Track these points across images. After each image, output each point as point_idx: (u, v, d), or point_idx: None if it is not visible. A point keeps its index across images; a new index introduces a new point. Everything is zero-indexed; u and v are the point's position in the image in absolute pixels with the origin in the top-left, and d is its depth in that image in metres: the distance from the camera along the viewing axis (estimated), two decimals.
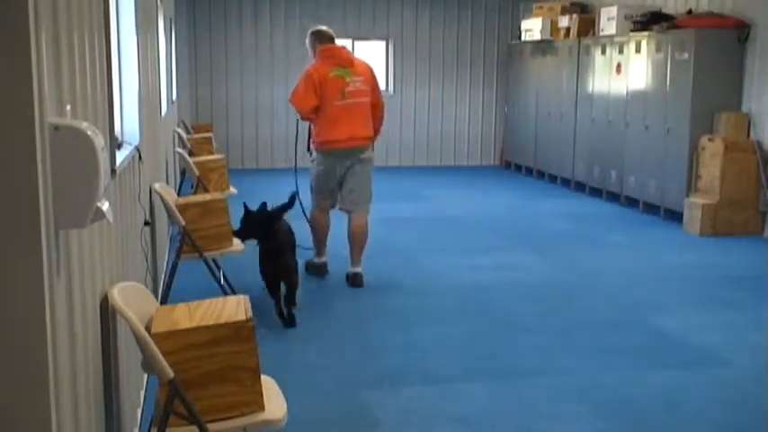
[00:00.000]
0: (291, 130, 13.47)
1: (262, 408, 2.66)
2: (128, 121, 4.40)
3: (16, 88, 1.66)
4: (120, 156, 3.42)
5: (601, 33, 10.58)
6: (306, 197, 6.39)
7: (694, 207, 8.42)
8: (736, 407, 4.09)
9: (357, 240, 6.19)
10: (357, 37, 13.58)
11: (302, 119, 6.28)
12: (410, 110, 13.88)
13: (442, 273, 6.67)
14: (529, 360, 4.70)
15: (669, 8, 9.73)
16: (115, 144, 3.30)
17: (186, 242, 5.08)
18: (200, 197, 5.41)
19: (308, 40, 6.30)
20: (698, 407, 4.07)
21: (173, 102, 9.99)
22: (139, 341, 2.43)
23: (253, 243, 5.44)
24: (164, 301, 5.00)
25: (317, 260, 6.42)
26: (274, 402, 2.76)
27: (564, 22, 11.67)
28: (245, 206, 5.43)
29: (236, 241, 5.49)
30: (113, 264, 3.07)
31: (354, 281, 6.12)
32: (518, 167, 13.44)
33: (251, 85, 13.11)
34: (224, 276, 5.66)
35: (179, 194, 7.28)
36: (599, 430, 3.77)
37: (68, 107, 2.14)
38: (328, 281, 6.28)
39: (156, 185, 5.26)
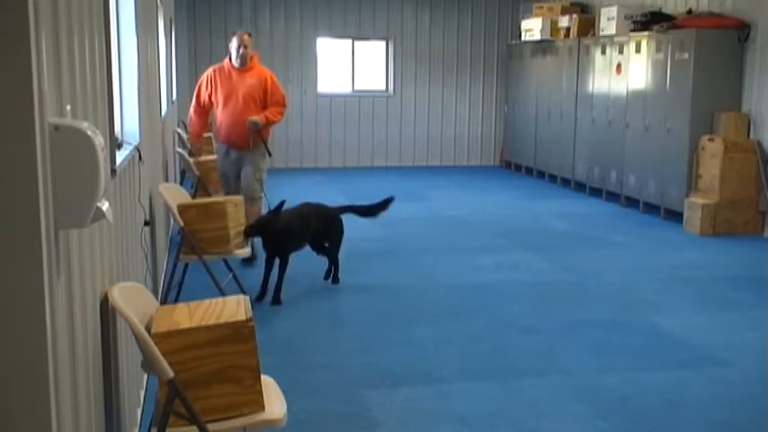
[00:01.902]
0: (291, 130, 13.55)
1: (262, 408, 2.66)
2: (128, 121, 4.40)
3: (16, 88, 1.66)
4: (120, 156, 3.42)
5: (601, 33, 10.58)
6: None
7: (694, 207, 8.42)
8: (736, 407, 4.09)
9: None
10: (357, 37, 13.59)
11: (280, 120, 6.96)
12: (410, 110, 13.88)
13: (442, 273, 6.67)
14: (529, 360, 4.70)
15: (669, 8, 9.73)
16: (115, 144, 3.29)
17: (186, 243, 5.08)
18: (201, 200, 5.41)
19: (248, 41, 6.69)
20: (698, 407, 4.07)
21: (173, 102, 9.99)
22: (139, 341, 2.43)
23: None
24: (164, 301, 5.00)
25: None
26: (274, 402, 2.76)
27: (564, 22, 11.68)
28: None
29: (239, 245, 5.45)
30: (113, 264, 3.07)
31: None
32: (518, 167, 13.44)
33: None
34: (234, 277, 5.68)
35: None
36: (599, 430, 3.77)
37: (68, 107, 2.14)
38: (328, 282, 6.26)
39: (161, 186, 5.27)
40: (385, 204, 6.36)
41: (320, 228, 6.09)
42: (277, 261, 5.75)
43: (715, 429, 3.85)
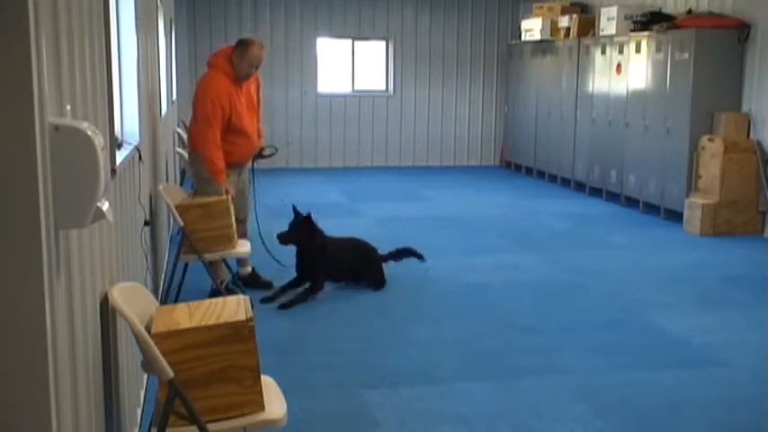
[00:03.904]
0: (290, 130, 13.56)
1: (262, 408, 2.66)
2: (128, 121, 4.40)
3: (16, 88, 1.66)
4: (120, 156, 3.42)
5: (601, 33, 10.58)
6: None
7: (694, 207, 8.42)
8: (736, 407, 4.09)
9: None
10: (357, 37, 13.59)
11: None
12: (410, 110, 13.89)
13: (442, 273, 6.67)
14: (529, 360, 4.70)
15: (669, 8, 9.73)
16: (115, 144, 3.29)
17: (186, 243, 5.08)
18: (203, 199, 5.37)
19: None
20: (698, 407, 4.07)
21: (173, 102, 9.99)
22: (139, 341, 2.43)
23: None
24: (164, 301, 5.00)
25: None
26: (274, 402, 2.76)
27: (564, 22, 11.68)
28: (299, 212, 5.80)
29: (241, 243, 5.46)
30: (113, 264, 3.07)
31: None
32: (518, 167, 13.44)
33: None
34: (234, 278, 5.68)
35: None
36: (599, 430, 3.77)
37: (68, 107, 2.14)
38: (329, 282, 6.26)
39: (161, 186, 5.26)
40: (409, 253, 6.42)
41: (360, 265, 6.14)
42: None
43: (715, 429, 3.84)
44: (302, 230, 5.75)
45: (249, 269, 6.04)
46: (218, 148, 5.47)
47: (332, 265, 5.93)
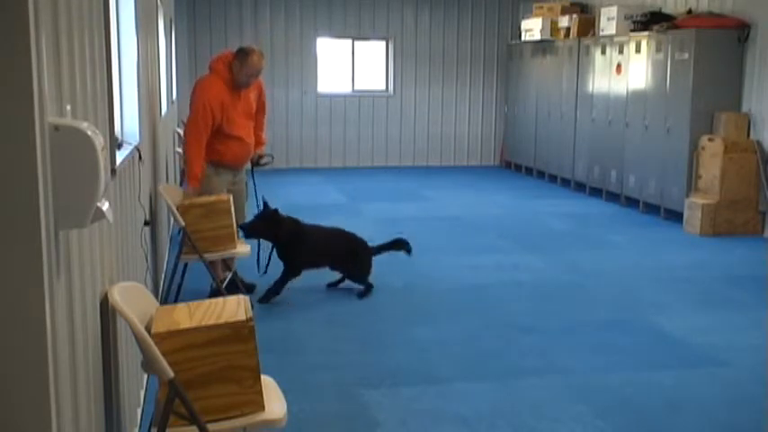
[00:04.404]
0: (291, 130, 13.56)
1: (262, 408, 2.66)
2: (128, 121, 4.41)
3: (16, 88, 1.66)
4: (120, 156, 3.42)
5: (601, 33, 10.58)
6: None
7: (694, 207, 8.42)
8: (736, 407, 4.09)
9: None
10: (357, 37, 13.59)
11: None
12: (410, 110, 13.89)
13: (442, 273, 6.67)
14: (529, 360, 4.70)
15: (669, 8, 9.74)
16: (115, 144, 3.29)
17: (186, 243, 5.08)
18: (203, 198, 5.36)
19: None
20: (698, 407, 4.07)
21: (173, 102, 9.99)
22: (139, 341, 2.43)
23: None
24: (164, 301, 5.01)
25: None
26: (274, 402, 2.76)
27: (564, 22, 11.68)
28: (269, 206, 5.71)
29: (242, 242, 5.47)
30: (113, 264, 3.07)
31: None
32: (518, 167, 13.45)
33: None
34: (234, 277, 5.67)
35: None
36: (599, 430, 3.77)
37: (68, 107, 2.14)
38: (326, 282, 6.26)
39: (161, 186, 5.26)
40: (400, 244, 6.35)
41: (345, 254, 6.01)
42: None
43: (715, 429, 3.85)
44: (268, 225, 5.61)
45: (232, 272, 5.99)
46: (200, 150, 5.47)
47: (310, 250, 5.78)
